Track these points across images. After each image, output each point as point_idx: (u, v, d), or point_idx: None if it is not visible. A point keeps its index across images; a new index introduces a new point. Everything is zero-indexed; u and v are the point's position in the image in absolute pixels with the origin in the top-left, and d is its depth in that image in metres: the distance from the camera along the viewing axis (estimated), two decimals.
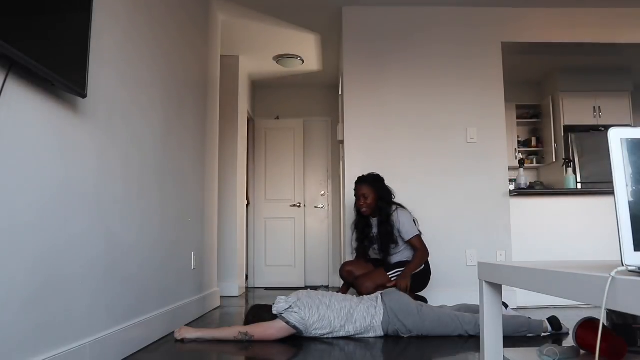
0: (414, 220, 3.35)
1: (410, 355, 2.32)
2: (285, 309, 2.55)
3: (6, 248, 1.43)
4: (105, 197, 2.07)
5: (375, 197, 3.35)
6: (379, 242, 3.34)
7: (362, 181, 3.42)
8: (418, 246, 3.27)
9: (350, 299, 2.70)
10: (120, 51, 2.23)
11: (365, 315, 2.63)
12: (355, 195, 3.43)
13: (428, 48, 4.14)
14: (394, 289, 2.94)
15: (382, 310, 2.64)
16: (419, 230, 3.33)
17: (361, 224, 3.45)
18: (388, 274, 3.24)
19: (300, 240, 6.05)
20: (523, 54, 4.96)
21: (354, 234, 3.52)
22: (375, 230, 3.38)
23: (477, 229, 3.94)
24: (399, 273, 3.21)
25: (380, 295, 2.75)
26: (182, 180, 3.16)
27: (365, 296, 2.82)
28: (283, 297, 2.60)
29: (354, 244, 3.53)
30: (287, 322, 2.53)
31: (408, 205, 3.96)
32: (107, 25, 2.09)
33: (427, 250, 3.31)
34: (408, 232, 3.27)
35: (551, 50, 4.61)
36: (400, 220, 3.28)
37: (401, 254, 3.32)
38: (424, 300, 3.26)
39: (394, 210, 3.32)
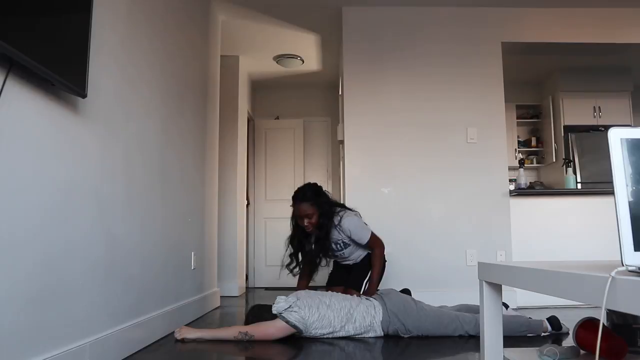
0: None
1: (410, 355, 2.32)
2: (285, 309, 2.55)
3: (7, 248, 1.43)
4: (106, 197, 2.07)
5: (318, 214, 3.02)
6: (318, 256, 3.13)
7: (301, 199, 3.03)
8: (373, 245, 3.08)
9: (350, 299, 2.70)
10: (120, 51, 2.23)
11: (365, 315, 2.64)
12: (296, 215, 3.06)
13: (428, 48, 4.14)
14: (392, 289, 2.93)
15: (382, 310, 2.65)
16: (369, 228, 3.12)
17: (297, 238, 3.14)
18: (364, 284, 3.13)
19: None
20: (523, 54, 4.96)
21: (289, 249, 3.19)
22: (312, 243, 3.13)
23: (477, 229, 3.94)
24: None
25: (380, 296, 2.75)
26: (183, 180, 3.16)
27: (364, 296, 2.83)
28: (283, 297, 2.60)
29: (287, 261, 3.18)
30: (287, 322, 2.53)
31: (408, 205, 3.97)
32: (107, 25, 2.09)
33: (382, 244, 3.10)
34: (362, 238, 3.07)
35: (551, 50, 4.61)
36: (350, 230, 3.04)
37: (356, 252, 3.19)
38: (408, 292, 3.18)
39: (338, 222, 3.04)
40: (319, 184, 3.20)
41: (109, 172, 2.10)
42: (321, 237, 3.06)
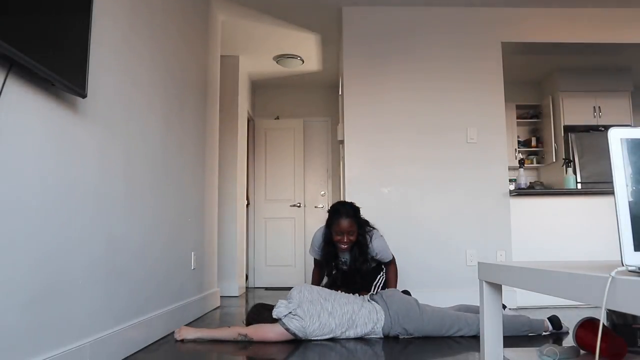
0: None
1: (410, 355, 2.32)
2: (285, 315, 2.53)
3: (7, 248, 1.43)
4: (106, 197, 2.07)
5: (358, 231, 3.04)
6: (349, 275, 3.18)
7: (346, 215, 3.01)
8: (391, 263, 3.22)
9: (353, 302, 2.66)
10: (120, 51, 2.23)
11: (367, 321, 2.61)
12: (335, 230, 3.02)
13: (428, 48, 4.14)
14: (395, 290, 2.90)
15: (384, 316, 2.62)
16: (392, 254, 3.22)
17: (330, 255, 3.14)
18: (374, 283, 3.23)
19: (300, 240, 6.05)
20: (523, 54, 4.96)
21: (319, 266, 3.24)
22: (345, 259, 3.18)
23: (477, 229, 3.94)
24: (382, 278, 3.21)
25: (382, 299, 2.70)
26: (182, 180, 3.16)
27: (366, 298, 2.77)
28: (284, 302, 2.57)
29: (326, 280, 3.24)
30: (287, 329, 2.51)
31: (408, 205, 3.98)
32: (108, 25, 2.09)
33: (396, 265, 3.25)
34: (385, 258, 3.18)
35: (551, 50, 4.62)
36: (377, 249, 3.11)
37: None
38: (407, 294, 3.18)
39: (370, 241, 3.10)
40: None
41: (108, 172, 2.10)
42: (358, 258, 3.08)
